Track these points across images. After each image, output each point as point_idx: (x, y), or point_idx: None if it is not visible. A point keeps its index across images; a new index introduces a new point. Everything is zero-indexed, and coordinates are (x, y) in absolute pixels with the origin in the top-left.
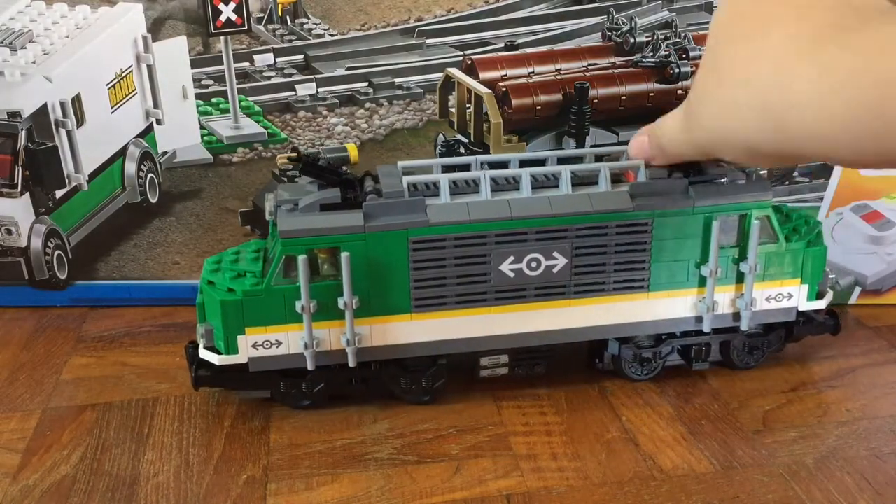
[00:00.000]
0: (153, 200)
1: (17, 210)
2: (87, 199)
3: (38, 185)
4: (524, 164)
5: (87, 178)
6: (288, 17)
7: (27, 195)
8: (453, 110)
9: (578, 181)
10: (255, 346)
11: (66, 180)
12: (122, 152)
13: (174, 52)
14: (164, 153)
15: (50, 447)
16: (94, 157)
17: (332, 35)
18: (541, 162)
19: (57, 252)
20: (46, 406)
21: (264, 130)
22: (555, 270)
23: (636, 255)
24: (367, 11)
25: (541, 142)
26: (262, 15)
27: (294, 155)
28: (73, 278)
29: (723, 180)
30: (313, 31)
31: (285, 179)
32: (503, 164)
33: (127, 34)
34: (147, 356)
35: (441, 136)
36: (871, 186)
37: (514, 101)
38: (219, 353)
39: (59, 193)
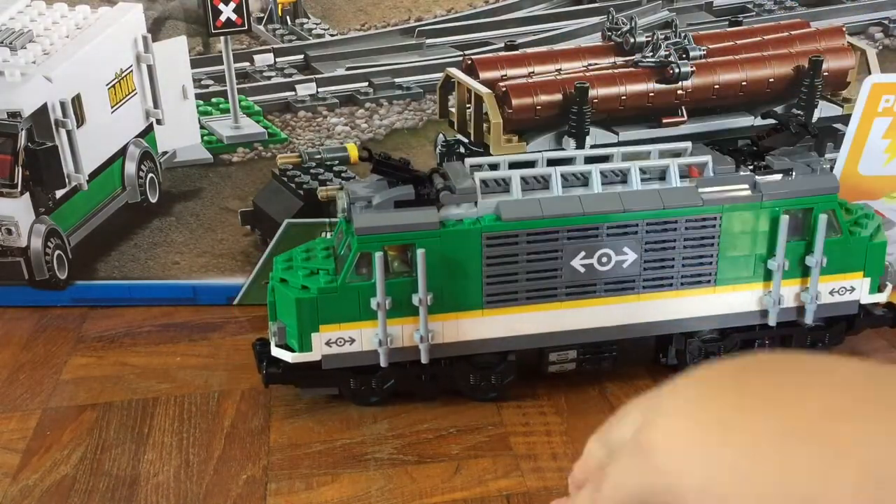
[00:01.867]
0: (153, 200)
1: (18, 210)
2: (88, 198)
3: (38, 185)
4: (590, 160)
5: (87, 177)
6: (288, 17)
7: (27, 195)
8: (453, 110)
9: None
10: (328, 343)
11: (66, 180)
12: (122, 152)
13: (174, 51)
14: (164, 153)
15: (50, 447)
16: (94, 157)
17: (332, 35)
18: (606, 158)
19: (57, 252)
20: (46, 406)
21: (264, 130)
22: (625, 265)
23: (704, 250)
24: (367, 11)
25: (541, 142)
26: (262, 15)
27: (365, 153)
28: (73, 278)
29: (791, 174)
30: (313, 31)
31: (285, 179)
32: (568, 161)
33: (127, 34)
34: (147, 356)
35: (441, 136)
36: (871, 186)
37: (514, 101)
38: (292, 350)
39: (59, 193)
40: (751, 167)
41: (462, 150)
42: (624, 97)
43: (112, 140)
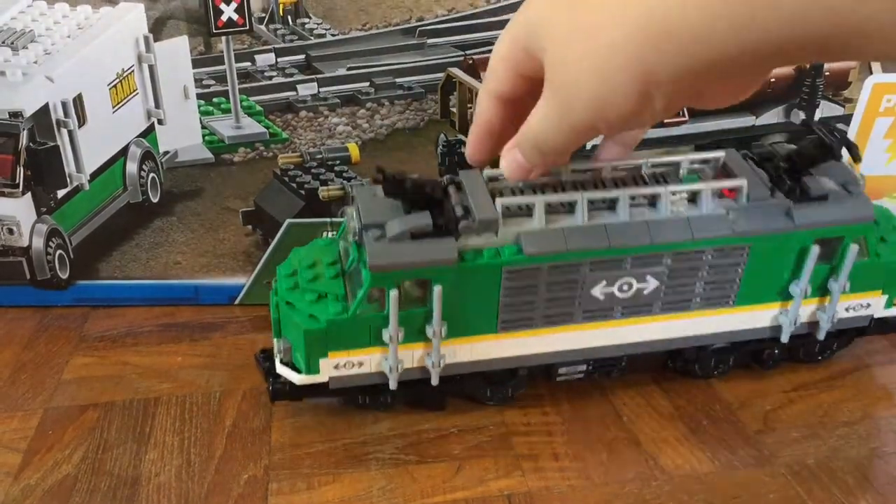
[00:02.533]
0: (155, 200)
1: (19, 210)
2: (89, 198)
3: (39, 184)
4: (618, 173)
5: (88, 177)
6: (289, 17)
7: (29, 195)
8: (455, 110)
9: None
10: (336, 367)
11: (68, 180)
12: (124, 152)
13: (176, 51)
14: (166, 153)
15: (52, 447)
16: (95, 157)
17: (333, 35)
18: (638, 170)
19: (58, 252)
20: (48, 405)
21: (266, 130)
22: (645, 292)
23: (728, 275)
24: (369, 11)
25: None
26: (263, 15)
27: (379, 175)
28: (74, 278)
29: (825, 198)
30: (315, 31)
31: (287, 179)
32: (595, 172)
33: (128, 34)
34: (149, 356)
35: (442, 136)
36: (872, 186)
37: None
38: (297, 369)
39: (60, 193)
40: (786, 188)
41: (463, 149)
42: None
43: (113, 140)
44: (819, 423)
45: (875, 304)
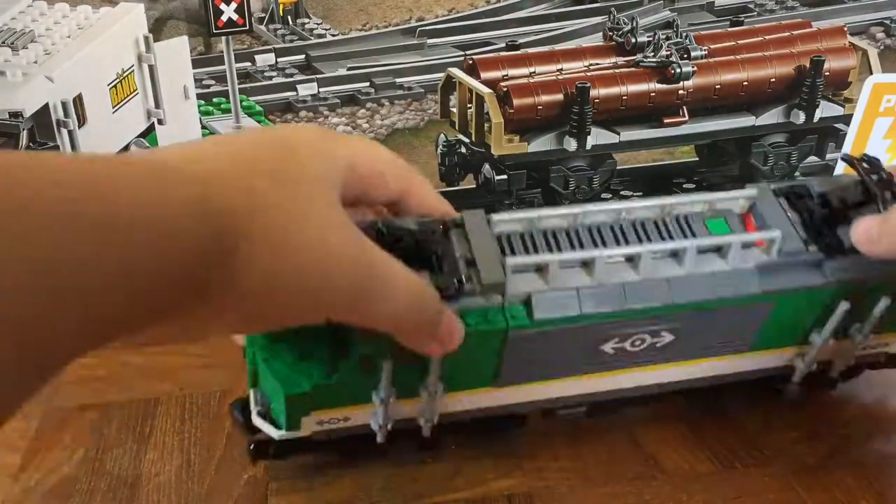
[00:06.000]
0: None
1: None
2: None
3: None
4: (635, 209)
5: None
6: (289, 17)
7: None
8: (454, 110)
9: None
10: (320, 423)
11: None
12: (124, 152)
13: (176, 52)
14: None
15: (51, 447)
16: None
17: (333, 35)
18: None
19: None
20: (48, 406)
21: None
22: (658, 345)
23: (747, 327)
24: (369, 11)
25: (542, 141)
26: (263, 15)
27: (373, 234)
28: None
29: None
30: (315, 31)
31: None
32: (613, 214)
33: (128, 34)
34: (149, 356)
35: (442, 135)
36: None
37: (516, 101)
38: (276, 425)
39: None
40: (823, 242)
41: (463, 150)
42: (625, 97)
43: (113, 140)
44: (819, 423)
45: (893, 344)
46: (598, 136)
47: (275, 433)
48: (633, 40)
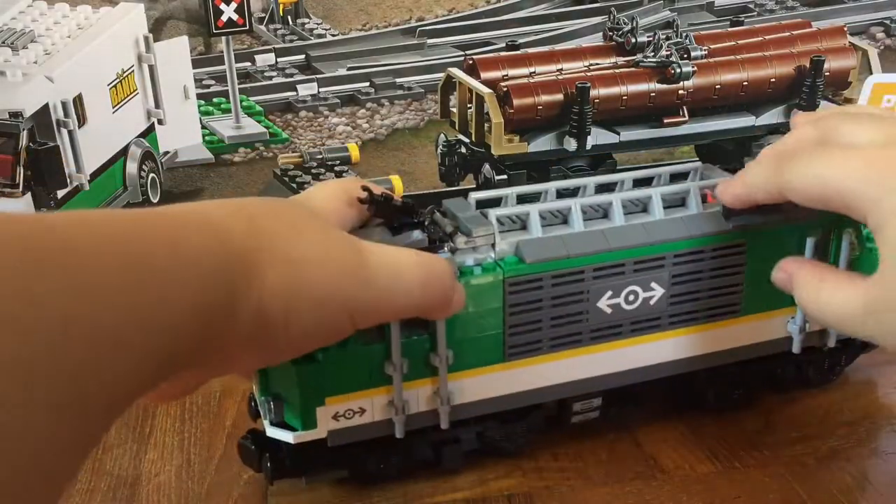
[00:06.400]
0: (154, 200)
1: (19, 210)
2: (89, 198)
3: (39, 185)
4: (601, 187)
5: (88, 177)
6: (289, 17)
7: (29, 195)
8: (454, 110)
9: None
10: (335, 416)
11: (68, 180)
12: (124, 152)
13: (176, 52)
14: (166, 153)
15: None
16: (95, 157)
17: (333, 35)
18: (612, 184)
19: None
20: None
21: (266, 130)
22: (651, 302)
23: (730, 279)
24: (369, 11)
25: (542, 141)
26: (263, 15)
27: (365, 196)
28: None
29: None
30: (315, 31)
31: (287, 179)
32: (579, 190)
33: (128, 34)
34: None
35: (442, 136)
36: None
37: (516, 101)
38: (291, 428)
39: (60, 193)
40: None
41: (463, 150)
42: (625, 97)
43: (113, 140)
44: (819, 423)
45: None
46: (598, 136)
47: (291, 437)
48: (633, 40)
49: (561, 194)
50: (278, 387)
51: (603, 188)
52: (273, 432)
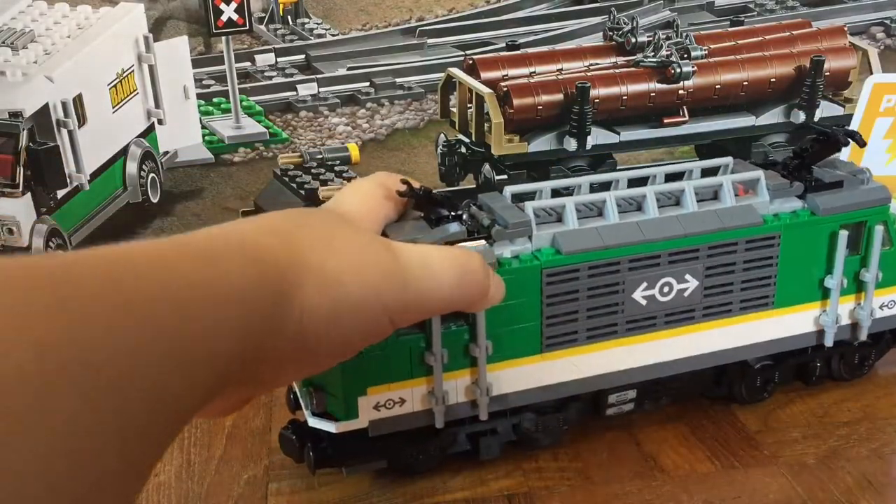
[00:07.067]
0: (154, 200)
1: (19, 210)
2: (89, 198)
3: (39, 184)
4: (634, 182)
5: (88, 177)
6: (289, 17)
7: (29, 195)
8: (454, 110)
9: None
10: (376, 406)
11: (68, 180)
12: (124, 152)
13: (175, 52)
14: (166, 153)
15: None
16: (95, 157)
17: (333, 35)
18: (644, 179)
19: (58, 252)
20: None
21: (266, 130)
22: (686, 294)
23: (764, 272)
24: (369, 11)
25: (542, 141)
26: (263, 15)
27: (405, 189)
28: None
29: (840, 185)
30: (315, 31)
31: (287, 179)
32: (611, 184)
33: (128, 34)
34: None
35: (442, 135)
36: None
37: (516, 101)
38: (333, 418)
39: (60, 193)
40: (802, 178)
41: (463, 150)
42: (625, 97)
43: (113, 140)
44: (819, 423)
45: None
46: (598, 136)
47: (333, 427)
48: (633, 40)
49: (593, 188)
50: (321, 378)
51: (635, 182)
52: (315, 422)
